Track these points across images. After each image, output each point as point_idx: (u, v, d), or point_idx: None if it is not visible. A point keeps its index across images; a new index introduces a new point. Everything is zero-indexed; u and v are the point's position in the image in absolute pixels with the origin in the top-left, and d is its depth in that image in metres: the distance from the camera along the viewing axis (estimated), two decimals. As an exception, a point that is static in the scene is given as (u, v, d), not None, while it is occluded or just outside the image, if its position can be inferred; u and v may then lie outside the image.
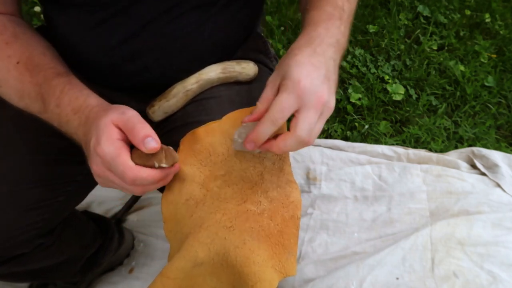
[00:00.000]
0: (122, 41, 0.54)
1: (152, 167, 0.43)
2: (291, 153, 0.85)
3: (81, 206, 1.10)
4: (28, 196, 0.56)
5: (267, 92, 0.45)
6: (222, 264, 0.45)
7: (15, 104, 0.51)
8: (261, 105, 0.45)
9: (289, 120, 0.45)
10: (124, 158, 0.42)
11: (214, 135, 0.51)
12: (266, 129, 0.43)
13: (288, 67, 0.44)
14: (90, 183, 0.68)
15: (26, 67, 0.50)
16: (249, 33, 0.67)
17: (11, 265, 0.60)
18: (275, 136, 0.45)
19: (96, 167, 0.44)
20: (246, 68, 0.59)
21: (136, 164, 0.43)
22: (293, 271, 0.47)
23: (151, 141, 0.42)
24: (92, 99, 0.48)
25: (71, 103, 0.48)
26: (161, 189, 0.92)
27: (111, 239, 0.91)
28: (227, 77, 0.58)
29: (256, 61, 0.67)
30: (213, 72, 0.58)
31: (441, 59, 1.57)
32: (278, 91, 0.44)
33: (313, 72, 0.43)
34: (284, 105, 0.42)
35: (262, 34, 0.72)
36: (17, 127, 0.57)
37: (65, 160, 0.60)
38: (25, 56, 0.50)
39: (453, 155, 1.20)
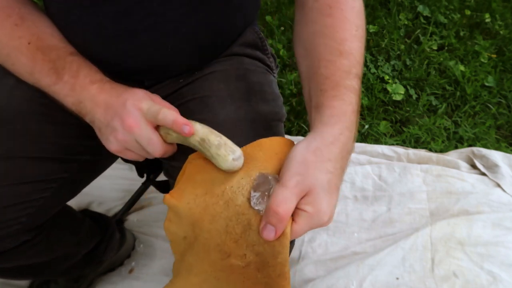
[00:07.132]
0: (116, 20, 0.53)
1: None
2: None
3: (81, 206, 1.10)
4: (4, 194, 0.55)
5: (291, 200, 0.42)
6: None
7: (25, 80, 0.55)
8: (282, 210, 0.41)
9: None
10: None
11: (218, 170, 0.47)
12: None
13: (320, 189, 0.42)
14: (80, 180, 0.67)
15: (37, 47, 0.53)
16: (246, 22, 0.67)
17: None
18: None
19: (131, 120, 0.49)
20: (220, 157, 0.47)
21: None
22: None
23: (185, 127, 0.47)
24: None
25: (89, 76, 0.52)
26: (161, 189, 0.92)
27: (111, 237, 0.91)
28: (200, 150, 0.49)
29: (252, 57, 0.67)
30: (194, 136, 0.48)
31: (441, 59, 1.57)
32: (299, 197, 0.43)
33: (334, 199, 0.44)
34: (302, 233, 0.43)
35: (261, 32, 0.72)
36: None
37: (47, 158, 0.58)
38: (35, 37, 0.53)
39: (453, 155, 1.20)
